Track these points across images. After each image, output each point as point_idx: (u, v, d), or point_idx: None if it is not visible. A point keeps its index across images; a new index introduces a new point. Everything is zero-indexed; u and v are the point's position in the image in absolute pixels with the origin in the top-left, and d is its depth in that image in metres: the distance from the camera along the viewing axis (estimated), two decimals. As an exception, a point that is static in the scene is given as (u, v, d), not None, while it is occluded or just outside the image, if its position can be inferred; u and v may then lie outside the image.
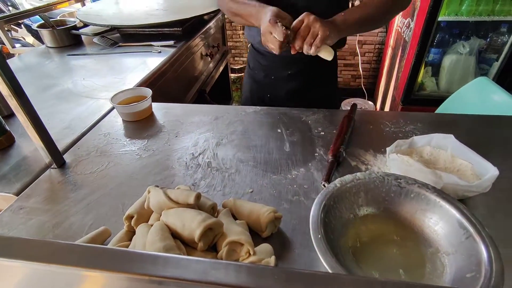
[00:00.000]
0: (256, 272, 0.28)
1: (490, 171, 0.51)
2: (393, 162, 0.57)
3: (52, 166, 0.64)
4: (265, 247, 0.40)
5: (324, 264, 0.36)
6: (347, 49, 2.47)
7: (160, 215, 0.45)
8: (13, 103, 0.55)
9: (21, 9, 3.09)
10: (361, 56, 2.46)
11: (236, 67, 2.57)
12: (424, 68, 1.77)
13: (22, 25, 2.91)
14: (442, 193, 0.45)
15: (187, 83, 1.44)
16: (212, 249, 0.40)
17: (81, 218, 0.53)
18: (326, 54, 0.66)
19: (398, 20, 1.98)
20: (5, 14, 1.40)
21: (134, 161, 0.66)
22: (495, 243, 0.38)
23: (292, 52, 0.67)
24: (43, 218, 0.53)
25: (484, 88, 1.07)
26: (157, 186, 0.47)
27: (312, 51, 0.64)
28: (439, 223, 0.44)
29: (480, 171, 0.54)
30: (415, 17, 1.66)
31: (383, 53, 2.37)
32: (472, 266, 0.37)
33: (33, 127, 0.58)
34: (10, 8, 2.95)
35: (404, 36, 1.82)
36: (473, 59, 1.70)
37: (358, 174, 0.49)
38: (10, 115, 0.84)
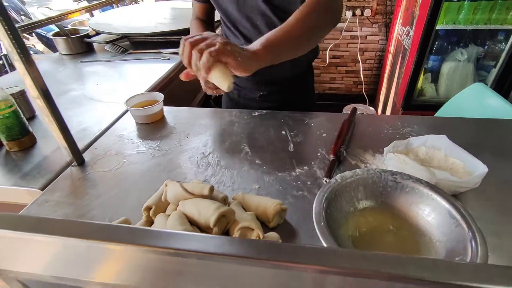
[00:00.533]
0: (264, 245, 0.32)
1: (480, 169, 0.55)
2: (390, 160, 0.61)
3: (72, 164, 0.69)
4: (273, 234, 0.45)
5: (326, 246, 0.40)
6: (349, 56, 2.53)
7: (177, 206, 0.49)
8: (40, 104, 0.60)
9: (33, 18, 3.20)
10: (362, 63, 2.52)
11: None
12: (424, 74, 1.81)
13: (33, 34, 3.00)
14: (434, 187, 0.50)
15: (193, 89, 1.50)
16: (225, 234, 0.44)
17: (101, 211, 0.58)
18: (221, 80, 0.50)
19: (398, 28, 2.04)
20: (23, 24, 1.47)
21: (148, 160, 0.70)
22: (480, 230, 0.42)
23: (183, 78, 0.60)
24: (67, 211, 0.58)
25: (480, 94, 1.12)
26: (173, 180, 0.51)
27: (202, 64, 0.50)
28: (432, 214, 0.48)
29: (471, 169, 0.58)
30: (414, 26, 1.72)
31: (383, 60, 2.43)
32: (460, 251, 0.41)
33: (58, 127, 0.63)
34: (23, 17, 3.05)
35: (404, 44, 1.88)
36: (471, 66, 1.75)
37: (358, 170, 0.54)
38: (31, 117, 0.89)
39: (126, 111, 0.91)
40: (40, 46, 3.32)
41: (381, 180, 0.53)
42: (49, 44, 3.41)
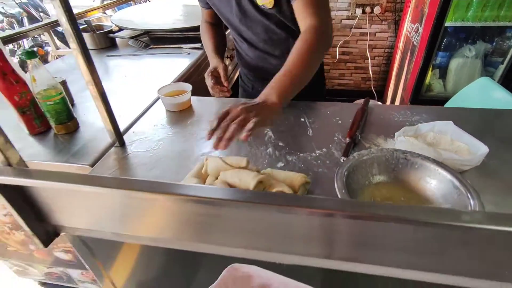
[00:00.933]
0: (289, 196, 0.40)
1: (481, 149, 0.62)
2: (401, 143, 0.69)
3: (115, 145, 0.78)
4: None
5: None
6: (358, 53, 2.58)
7: (216, 178, 0.57)
8: (93, 90, 0.68)
9: (51, 15, 3.30)
10: (371, 59, 2.57)
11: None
12: (432, 70, 1.87)
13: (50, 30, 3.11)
14: (440, 163, 0.57)
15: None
16: None
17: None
18: None
19: (407, 25, 2.09)
20: (51, 20, 1.56)
21: (182, 142, 0.79)
22: (479, 196, 0.49)
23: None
24: None
25: (487, 87, 1.17)
26: (213, 156, 0.59)
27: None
28: (438, 186, 0.56)
29: (474, 150, 0.65)
30: (423, 23, 1.77)
31: (392, 57, 2.48)
32: (461, 213, 0.48)
33: (105, 111, 0.71)
34: (41, 14, 3.16)
35: (413, 41, 1.93)
36: (479, 62, 1.80)
37: (372, 149, 0.61)
38: (72, 105, 0.98)
39: (156, 100, 0.99)
40: (56, 42, 3.42)
41: (393, 157, 0.60)
42: (65, 40, 3.53)
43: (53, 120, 0.81)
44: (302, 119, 0.85)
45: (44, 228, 0.55)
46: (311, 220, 0.39)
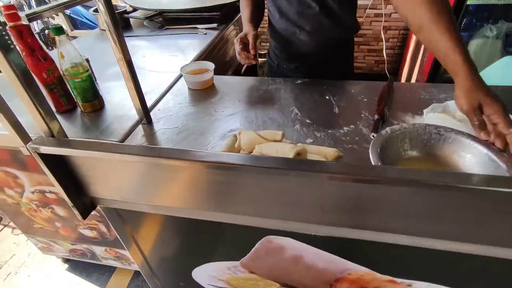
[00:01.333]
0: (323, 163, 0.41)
1: None
2: (431, 120, 0.68)
3: (142, 122, 0.79)
4: None
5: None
6: (372, 35, 2.52)
7: (250, 152, 0.58)
8: (124, 68, 0.68)
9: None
10: (385, 41, 2.51)
11: (263, 52, 2.67)
12: (450, 51, 1.82)
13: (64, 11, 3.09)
14: (475, 138, 0.57)
15: (224, 64, 1.57)
16: None
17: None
18: None
19: (425, 5, 2.03)
20: (61, 2, 1.55)
21: (208, 118, 0.79)
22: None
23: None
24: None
25: (509, 66, 1.15)
26: (246, 130, 0.60)
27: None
28: (473, 160, 0.56)
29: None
30: (443, 1, 1.71)
31: (407, 38, 2.42)
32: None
33: (135, 89, 0.72)
34: (50, -5, 3.13)
35: (431, 21, 1.87)
36: (499, 42, 1.75)
37: (404, 124, 0.61)
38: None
39: (178, 78, 0.99)
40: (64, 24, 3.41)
41: (426, 132, 0.60)
42: (73, 23, 3.51)
43: (80, 97, 0.82)
44: (327, 97, 0.84)
45: (82, 200, 0.57)
46: (347, 187, 0.40)
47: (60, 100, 0.83)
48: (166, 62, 1.14)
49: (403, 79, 2.44)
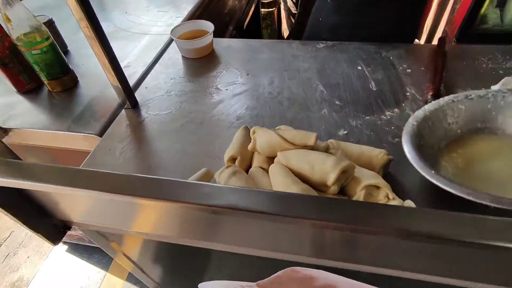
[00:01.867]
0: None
1: None
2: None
3: (126, 106, 0.62)
4: (408, 202, 0.38)
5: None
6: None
7: (268, 158, 0.43)
8: (88, 33, 0.50)
9: None
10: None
11: (266, 1, 2.34)
12: (488, -3, 1.55)
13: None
14: None
15: (224, 17, 1.32)
16: (340, 193, 0.38)
17: (175, 157, 0.52)
18: None
19: None
20: None
21: (209, 100, 0.62)
22: None
23: None
24: (135, 159, 0.53)
25: None
26: (263, 128, 0.44)
27: None
28: None
29: None
30: None
31: (433, -19, 2.08)
32: None
33: (108, 61, 0.54)
34: None
35: (469, -42, 1.56)
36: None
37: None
38: (64, 53, 0.79)
39: (170, 43, 0.79)
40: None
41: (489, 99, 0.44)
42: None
43: (44, 74, 0.64)
44: (359, 67, 0.66)
45: (49, 223, 0.43)
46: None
47: (19, 78, 0.66)
48: (153, 19, 0.92)
49: (425, 32, 2.16)
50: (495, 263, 0.27)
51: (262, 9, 2.21)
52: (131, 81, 0.69)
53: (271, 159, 0.44)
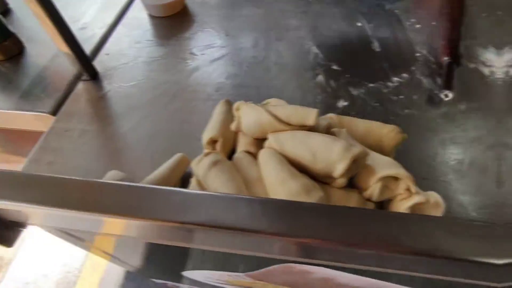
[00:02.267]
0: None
1: None
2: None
3: (83, 78, 0.52)
4: (433, 194, 0.30)
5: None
6: None
7: (257, 140, 0.35)
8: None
9: None
10: None
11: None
12: None
13: None
14: None
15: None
16: (349, 185, 0.31)
17: (144, 138, 0.44)
18: None
19: None
20: None
21: (182, 67, 0.53)
22: None
23: None
24: (97, 142, 0.45)
25: None
26: (250, 103, 0.35)
27: None
28: None
29: None
30: None
31: None
32: None
33: (56, 26, 0.43)
34: None
35: None
36: None
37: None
38: (3, 13, 0.65)
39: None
40: None
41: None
42: None
43: (-24, 40, 0.52)
44: (359, 23, 0.56)
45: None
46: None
47: None
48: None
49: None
50: None
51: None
52: (89, 47, 0.57)
53: (259, 141, 0.36)
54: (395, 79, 0.47)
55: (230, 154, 0.39)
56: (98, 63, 0.55)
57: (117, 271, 1.08)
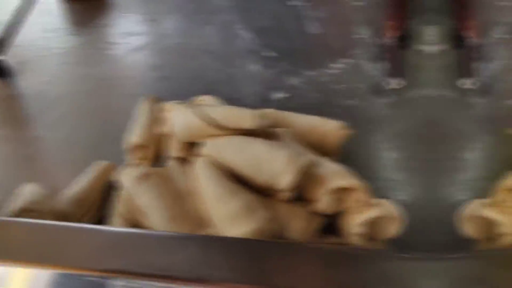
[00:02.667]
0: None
1: None
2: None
3: (-13, 75, 0.45)
4: (388, 206, 0.28)
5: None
6: None
7: (189, 144, 0.31)
8: None
9: None
10: None
11: None
12: None
13: None
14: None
15: None
16: (297, 199, 0.27)
17: (61, 143, 0.40)
18: None
19: None
20: None
21: (100, 59, 0.47)
22: None
23: None
24: (10, 148, 0.40)
25: None
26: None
27: None
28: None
29: None
30: None
31: None
32: None
33: None
34: None
35: None
36: None
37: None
38: None
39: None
40: None
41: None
42: None
43: None
44: (294, 3, 0.52)
45: None
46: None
47: None
48: None
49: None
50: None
51: None
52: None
53: (192, 145, 0.32)
54: (336, 65, 0.43)
55: (157, 159, 0.35)
56: (11, 57, 0.47)
57: None
